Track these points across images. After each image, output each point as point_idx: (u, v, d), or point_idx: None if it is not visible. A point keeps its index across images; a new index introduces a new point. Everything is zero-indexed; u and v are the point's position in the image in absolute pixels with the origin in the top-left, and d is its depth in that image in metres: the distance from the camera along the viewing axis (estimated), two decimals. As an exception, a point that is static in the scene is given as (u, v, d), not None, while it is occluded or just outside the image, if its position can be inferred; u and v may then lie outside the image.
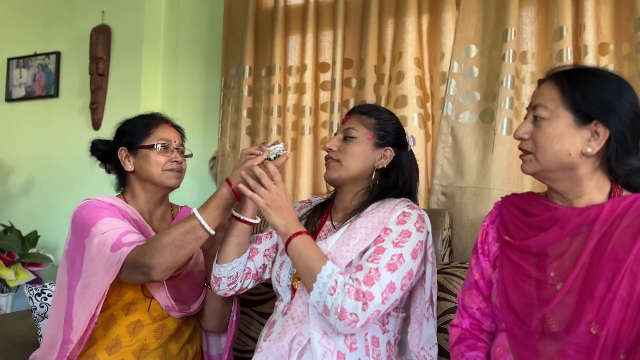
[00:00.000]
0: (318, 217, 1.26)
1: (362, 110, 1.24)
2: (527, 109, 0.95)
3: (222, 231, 1.23)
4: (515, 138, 0.95)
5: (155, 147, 1.31)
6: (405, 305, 1.21)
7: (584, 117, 0.89)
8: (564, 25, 1.65)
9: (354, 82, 2.04)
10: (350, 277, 1.02)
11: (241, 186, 1.10)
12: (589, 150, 0.88)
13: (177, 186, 1.36)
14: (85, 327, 1.17)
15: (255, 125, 2.19)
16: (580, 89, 0.89)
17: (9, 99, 2.69)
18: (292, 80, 2.13)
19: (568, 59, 1.64)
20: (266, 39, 2.18)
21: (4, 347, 1.36)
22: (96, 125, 2.48)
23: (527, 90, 1.78)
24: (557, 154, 0.89)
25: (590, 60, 1.62)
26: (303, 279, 1.06)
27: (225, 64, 2.27)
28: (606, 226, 0.86)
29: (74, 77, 2.55)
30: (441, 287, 1.33)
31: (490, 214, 1.06)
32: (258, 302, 1.58)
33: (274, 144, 1.16)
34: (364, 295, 0.99)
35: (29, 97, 2.65)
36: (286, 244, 1.07)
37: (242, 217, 1.17)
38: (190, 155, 1.42)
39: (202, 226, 1.13)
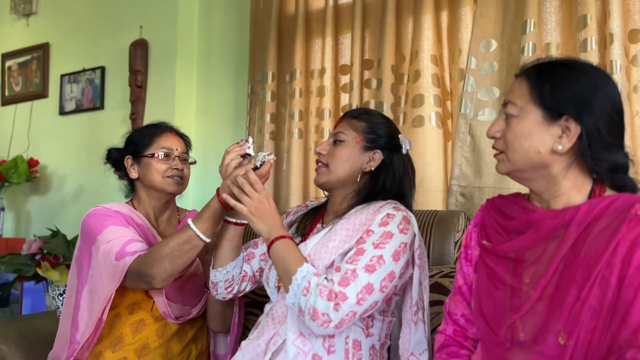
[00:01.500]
0: (310, 220, 1.26)
1: (352, 115, 1.24)
2: (503, 106, 0.90)
3: (215, 237, 1.26)
4: (487, 137, 0.91)
5: (156, 155, 1.37)
6: (398, 309, 1.18)
7: (553, 112, 0.83)
8: (588, 13, 1.54)
9: (374, 83, 2.02)
10: (325, 278, 1.02)
11: (225, 196, 1.14)
12: (560, 147, 0.82)
13: (179, 192, 1.42)
14: (92, 329, 1.25)
15: (280, 129, 2.22)
16: (550, 83, 0.83)
17: (62, 112, 2.90)
18: (314, 84, 2.14)
19: (592, 49, 1.54)
20: (288, 44, 2.20)
21: (31, 343, 1.47)
22: (136, 134, 2.61)
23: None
24: (526, 153, 0.84)
25: (616, 49, 1.51)
26: (282, 281, 1.07)
27: (252, 71, 2.32)
28: (581, 229, 0.80)
29: (116, 90, 2.71)
30: (447, 292, 1.29)
31: (475, 217, 1.01)
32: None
33: (259, 152, 1.19)
34: (337, 296, 0.98)
35: (78, 109, 2.84)
36: (268, 248, 1.09)
37: (232, 220, 1.20)
38: (194, 163, 1.46)
39: (197, 236, 1.18)
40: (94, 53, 2.80)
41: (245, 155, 1.21)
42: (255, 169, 1.15)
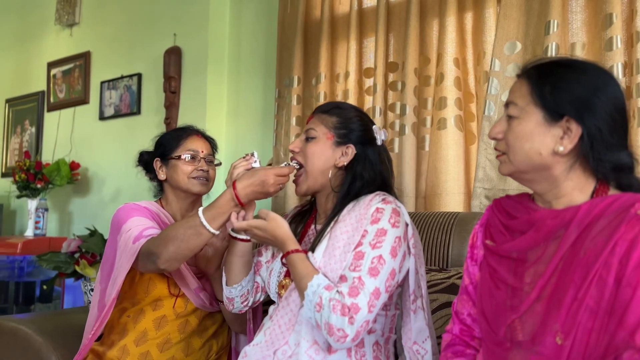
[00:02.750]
0: (301, 225, 1.27)
1: (323, 110, 1.23)
2: (505, 106, 0.91)
3: (213, 249, 1.32)
4: (489, 138, 0.91)
5: (182, 157, 1.43)
6: (401, 300, 1.18)
7: (554, 114, 0.82)
8: (613, 12, 1.51)
9: (399, 86, 2.03)
10: (336, 291, 1.02)
11: (236, 223, 1.17)
12: (561, 149, 0.82)
13: (204, 192, 1.47)
14: (110, 306, 1.31)
15: (306, 133, 2.26)
16: (550, 84, 0.83)
17: (102, 117, 3.04)
18: (339, 88, 2.17)
19: (618, 48, 1.50)
20: (314, 48, 2.24)
21: (64, 335, 1.56)
22: (170, 138, 2.71)
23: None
24: (528, 154, 0.84)
25: (644, 48, 1.47)
26: (299, 295, 1.09)
27: (279, 76, 2.37)
28: (581, 229, 0.79)
29: (152, 96, 2.82)
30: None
31: (482, 217, 1.02)
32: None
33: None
34: (350, 310, 0.98)
35: (117, 115, 2.97)
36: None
37: (239, 237, 1.22)
38: (219, 164, 1.52)
39: (203, 224, 1.18)
40: (131, 60, 2.92)
41: (251, 170, 1.21)
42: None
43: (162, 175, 1.47)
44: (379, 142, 1.23)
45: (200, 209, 1.20)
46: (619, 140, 0.81)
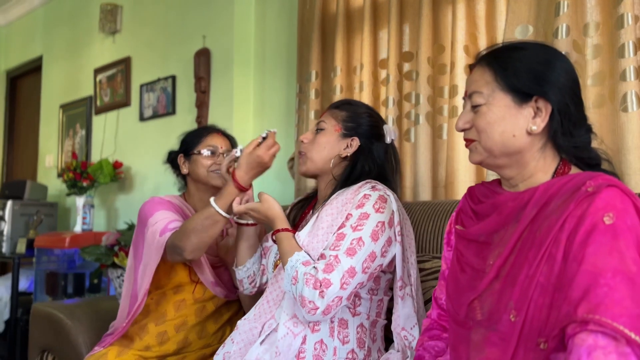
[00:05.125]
0: (300, 210, 1.33)
1: (335, 105, 1.31)
2: (463, 98, 0.91)
3: (233, 239, 1.42)
4: (457, 130, 0.91)
5: (203, 152, 1.54)
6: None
7: (522, 95, 0.83)
8: (624, -7, 1.45)
9: (414, 75, 2.03)
10: (313, 267, 1.07)
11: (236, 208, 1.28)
12: (534, 128, 0.83)
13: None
14: (143, 298, 1.43)
15: (325, 126, 2.29)
16: (512, 67, 0.84)
17: (142, 118, 3.21)
18: (357, 80, 2.19)
19: (629, 24, 1.44)
20: (331, 43, 2.27)
21: (93, 319, 1.70)
22: (202, 136, 2.83)
23: (594, 65, 1.59)
24: (502, 138, 0.84)
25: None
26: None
27: (299, 71, 2.42)
28: (537, 208, 0.79)
29: (185, 96, 2.95)
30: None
31: (459, 203, 1.02)
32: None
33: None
34: (322, 284, 1.03)
35: (155, 115, 3.13)
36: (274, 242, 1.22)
37: (242, 222, 1.33)
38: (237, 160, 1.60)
39: (217, 212, 1.29)
40: (166, 63, 3.07)
41: (236, 159, 1.33)
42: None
43: (184, 170, 1.59)
44: (387, 140, 1.28)
45: (212, 199, 1.32)
46: (582, 114, 0.81)
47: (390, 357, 1.09)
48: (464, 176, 1.80)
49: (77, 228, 3.12)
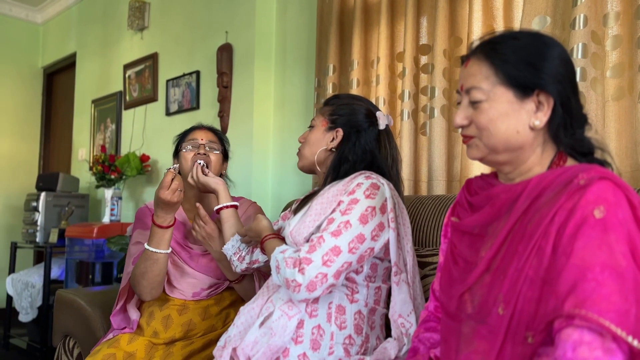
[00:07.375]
0: (304, 202, 1.34)
1: (324, 102, 1.35)
2: (458, 92, 0.88)
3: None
4: (455, 127, 0.90)
5: (185, 147, 1.60)
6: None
7: (524, 89, 0.81)
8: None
9: (430, 68, 2.01)
10: (294, 250, 1.10)
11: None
12: (537, 123, 0.81)
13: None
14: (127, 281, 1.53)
15: (343, 120, 2.30)
16: (511, 60, 0.81)
17: (168, 113, 3.28)
18: (374, 73, 2.18)
19: (649, 15, 1.39)
20: (348, 36, 2.27)
21: (110, 307, 1.75)
22: (224, 131, 2.88)
23: (613, 57, 1.55)
24: (505, 134, 0.82)
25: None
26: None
27: (318, 65, 2.43)
28: (529, 201, 0.78)
29: (208, 91, 3.00)
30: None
31: (457, 196, 1.02)
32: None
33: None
34: (301, 262, 1.05)
35: (180, 110, 3.20)
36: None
37: (217, 207, 1.44)
38: (218, 151, 1.63)
39: (153, 251, 1.41)
40: (191, 59, 3.12)
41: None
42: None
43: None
44: (381, 127, 1.29)
45: (146, 244, 1.43)
46: (579, 104, 0.80)
47: (387, 346, 1.09)
48: (479, 170, 1.77)
49: (105, 219, 3.22)
